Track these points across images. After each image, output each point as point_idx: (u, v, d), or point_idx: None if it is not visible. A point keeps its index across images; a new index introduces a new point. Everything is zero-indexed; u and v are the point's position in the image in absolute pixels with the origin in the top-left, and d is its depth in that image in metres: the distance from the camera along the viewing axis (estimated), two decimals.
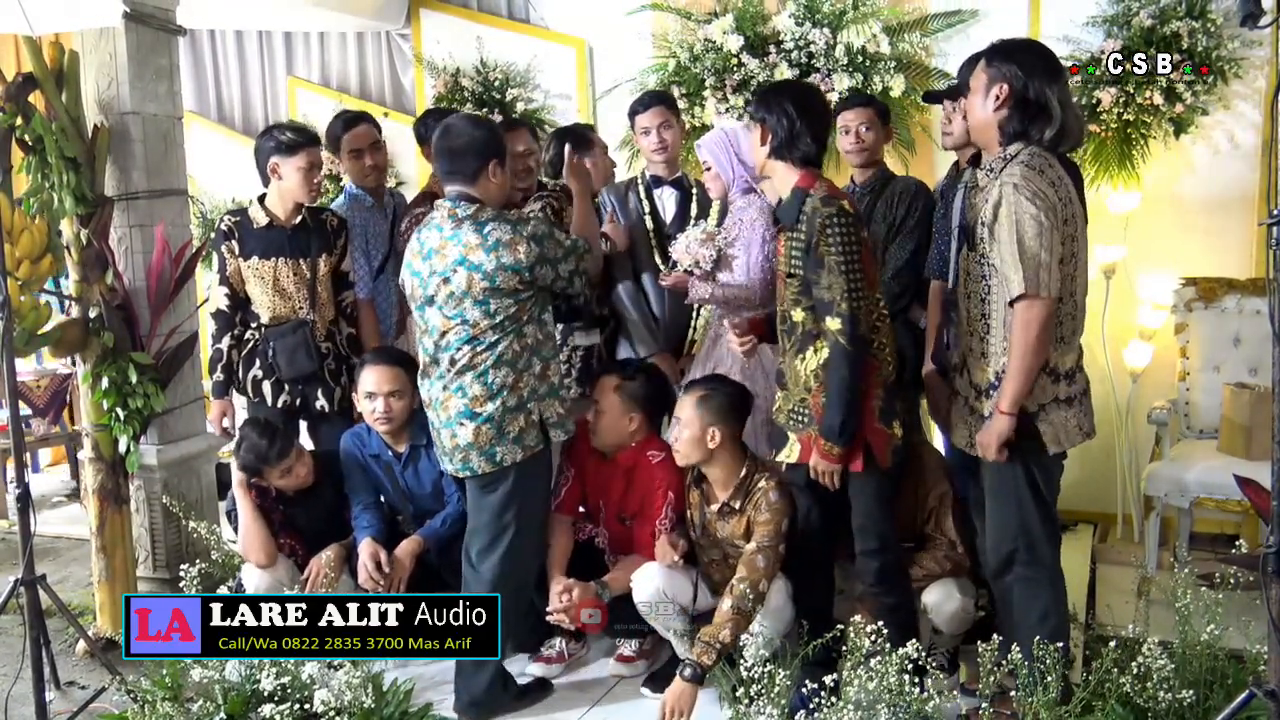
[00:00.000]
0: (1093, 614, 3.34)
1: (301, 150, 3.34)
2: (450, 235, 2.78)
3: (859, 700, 2.39)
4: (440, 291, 2.79)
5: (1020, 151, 2.45)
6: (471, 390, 2.79)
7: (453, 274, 2.76)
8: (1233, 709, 2.24)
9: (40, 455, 5.94)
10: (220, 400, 3.50)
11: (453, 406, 2.82)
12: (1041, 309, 2.38)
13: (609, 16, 4.66)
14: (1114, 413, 4.13)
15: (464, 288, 2.75)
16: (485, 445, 2.81)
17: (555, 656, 3.26)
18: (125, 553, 3.64)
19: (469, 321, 2.78)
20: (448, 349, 2.81)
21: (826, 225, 2.54)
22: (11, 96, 3.37)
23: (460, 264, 2.75)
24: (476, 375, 2.79)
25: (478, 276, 2.74)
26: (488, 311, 2.76)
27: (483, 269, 2.73)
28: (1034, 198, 2.37)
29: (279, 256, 3.40)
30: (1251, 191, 4.04)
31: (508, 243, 2.73)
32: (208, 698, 2.87)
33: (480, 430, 2.80)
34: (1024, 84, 2.44)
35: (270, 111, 5.64)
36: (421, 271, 2.84)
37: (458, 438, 2.83)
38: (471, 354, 2.78)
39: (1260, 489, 2.79)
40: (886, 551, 2.72)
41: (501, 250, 2.73)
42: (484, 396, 2.79)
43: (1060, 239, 2.40)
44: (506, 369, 2.79)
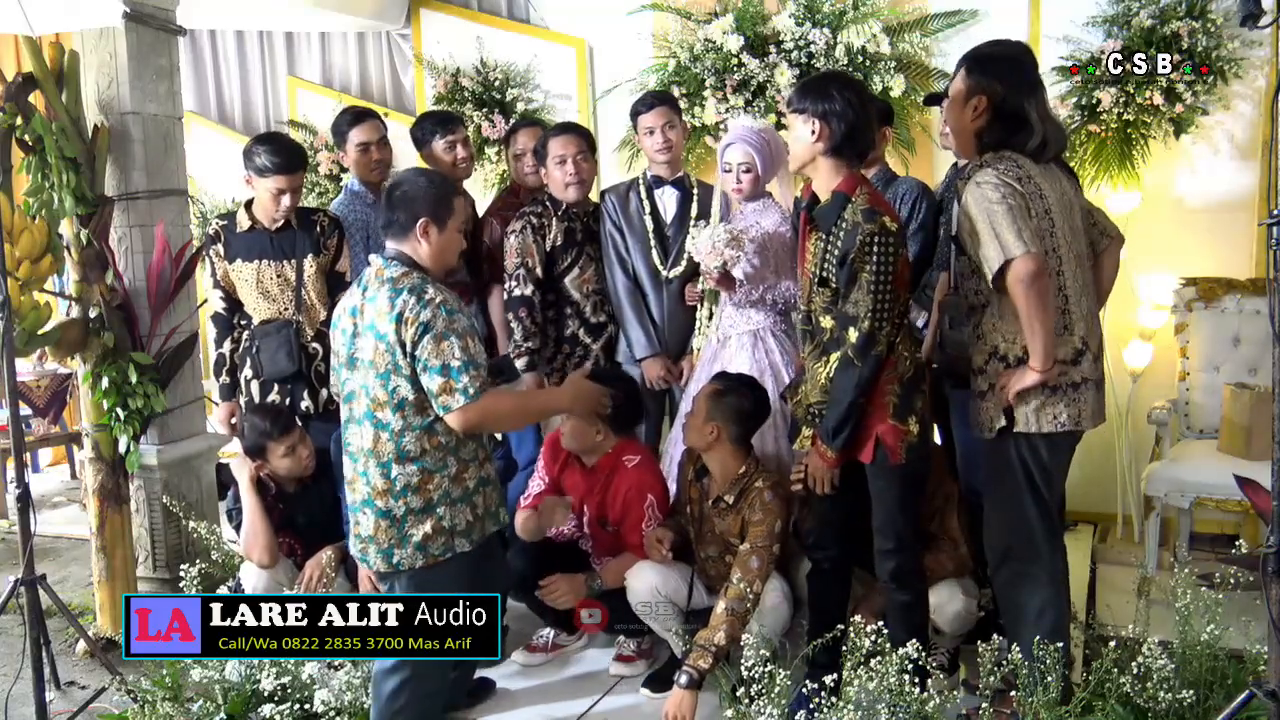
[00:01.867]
0: (1093, 614, 3.34)
1: (271, 176, 3.31)
2: (370, 296, 2.48)
3: (859, 700, 2.39)
4: (355, 354, 2.50)
5: (997, 158, 2.48)
6: (374, 480, 2.48)
7: (362, 338, 2.47)
8: (1233, 709, 2.25)
9: (40, 455, 5.94)
10: (227, 403, 3.52)
11: (358, 490, 2.53)
12: (1026, 266, 2.39)
13: (609, 16, 4.66)
14: (1114, 413, 4.12)
15: (369, 357, 2.45)
16: (385, 544, 2.50)
17: (543, 646, 3.27)
18: (125, 553, 3.64)
19: (371, 397, 2.46)
20: (356, 422, 2.51)
21: (866, 245, 2.46)
22: (11, 96, 3.37)
23: (370, 329, 2.45)
24: (380, 465, 2.47)
25: (382, 347, 2.42)
26: (389, 390, 2.43)
27: (386, 339, 2.41)
28: (994, 186, 2.41)
29: (261, 259, 3.42)
30: (1251, 191, 4.04)
31: (409, 320, 2.38)
32: (208, 698, 2.87)
33: (379, 525, 2.50)
34: (1001, 98, 2.48)
35: (270, 112, 5.64)
36: (346, 328, 2.54)
37: (359, 526, 2.54)
38: (374, 438, 2.46)
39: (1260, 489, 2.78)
40: (903, 551, 2.71)
41: (403, 325, 2.38)
42: (385, 491, 2.47)
43: (1031, 220, 2.43)
44: (413, 466, 2.46)
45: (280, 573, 3.20)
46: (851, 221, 2.49)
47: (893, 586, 2.73)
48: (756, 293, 3.22)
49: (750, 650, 2.50)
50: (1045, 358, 2.46)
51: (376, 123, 3.78)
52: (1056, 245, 2.50)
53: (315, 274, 3.45)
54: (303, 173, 3.44)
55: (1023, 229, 2.39)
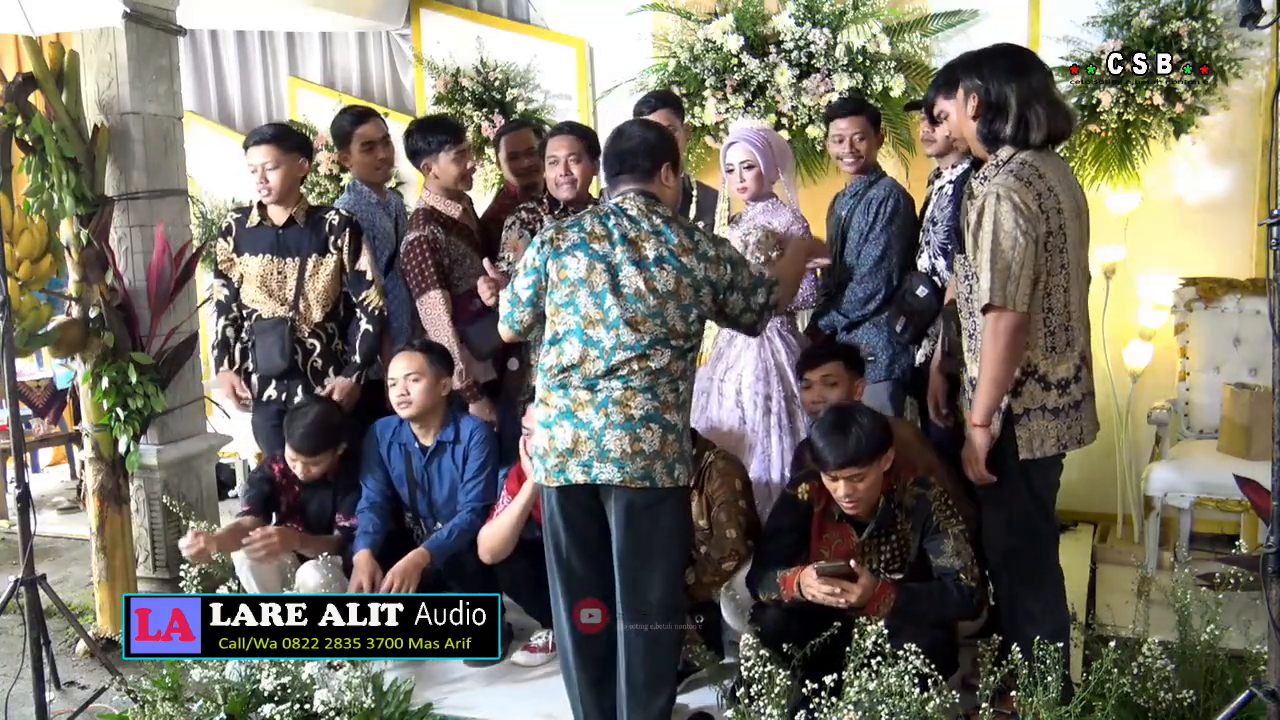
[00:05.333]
0: (1093, 614, 3.34)
1: (252, 147, 3.42)
2: (651, 230, 2.54)
3: (859, 700, 2.39)
4: (634, 284, 2.50)
5: (1011, 159, 2.47)
6: (664, 395, 2.51)
7: (658, 270, 2.51)
8: (1233, 709, 2.24)
9: (40, 455, 5.94)
10: (225, 373, 3.56)
11: (636, 406, 2.50)
12: (1009, 321, 2.40)
13: (609, 16, 4.66)
14: (1114, 413, 4.13)
15: (670, 287, 2.51)
16: (671, 458, 2.52)
17: (543, 646, 3.27)
18: (125, 553, 3.64)
19: (669, 325, 2.51)
20: (635, 347, 2.49)
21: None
22: (11, 96, 3.37)
23: (668, 262, 2.52)
24: (670, 380, 2.52)
25: (685, 280, 2.52)
26: (687, 319, 2.53)
27: (693, 275, 2.52)
28: (1015, 210, 2.38)
29: (265, 254, 3.48)
30: (1251, 191, 4.04)
31: (713, 258, 2.54)
32: (208, 698, 2.87)
33: (666, 441, 2.51)
34: (985, 90, 2.49)
35: (271, 112, 5.64)
36: (609, 257, 2.53)
37: (642, 442, 2.48)
38: (670, 358, 2.51)
39: (1260, 489, 2.79)
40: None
41: (708, 264, 2.53)
42: (674, 405, 2.53)
43: (1041, 253, 2.42)
44: (686, 386, 2.59)
45: (328, 570, 3.23)
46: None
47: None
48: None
49: (750, 650, 2.50)
50: (987, 413, 2.48)
51: (379, 121, 3.78)
52: (1066, 263, 2.48)
53: (319, 273, 3.46)
54: (296, 155, 3.47)
55: (1020, 276, 2.39)
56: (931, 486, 2.71)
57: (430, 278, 3.42)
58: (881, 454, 2.64)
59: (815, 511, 2.79)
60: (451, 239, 3.50)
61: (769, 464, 3.20)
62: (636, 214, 2.55)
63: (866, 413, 2.70)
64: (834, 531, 2.78)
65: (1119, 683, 2.48)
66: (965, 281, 2.60)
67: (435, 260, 3.42)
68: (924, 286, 3.15)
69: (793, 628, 2.63)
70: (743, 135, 3.25)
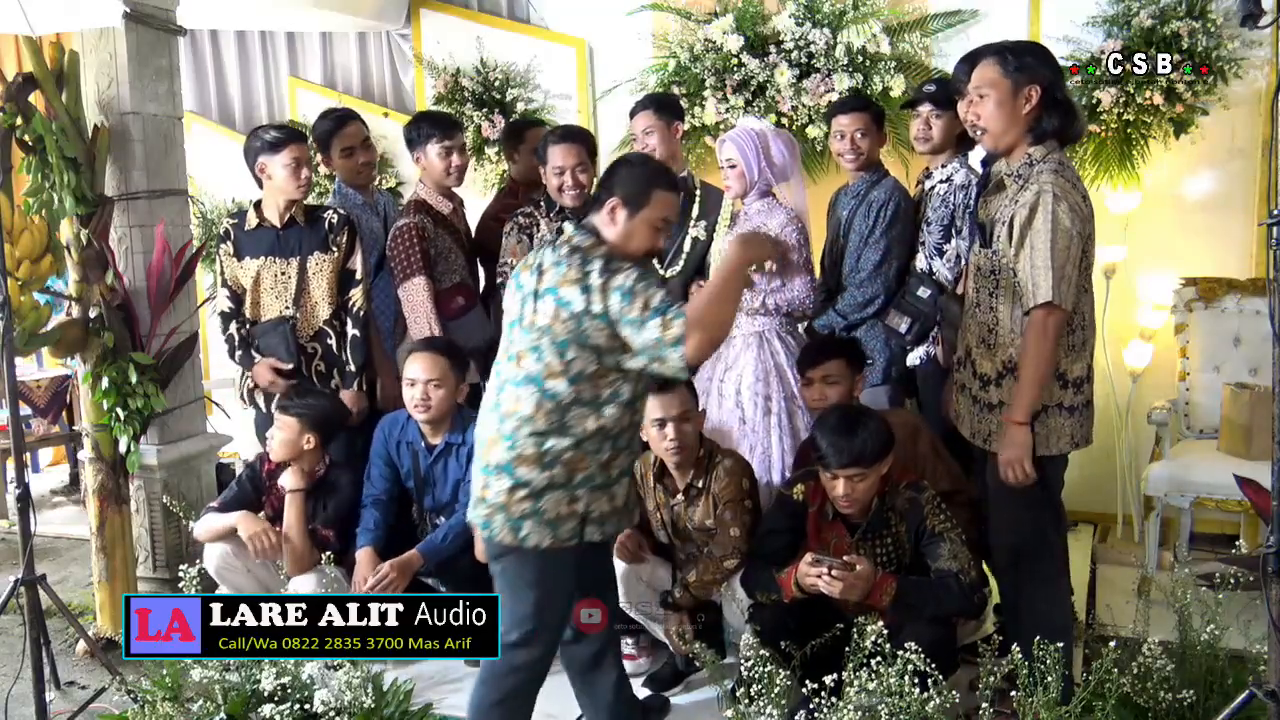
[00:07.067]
0: (1093, 614, 3.34)
1: (285, 146, 3.37)
2: (554, 261, 2.31)
3: (859, 700, 2.39)
4: (528, 317, 2.33)
5: (1046, 156, 2.48)
6: (521, 446, 2.31)
7: (540, 302, 2.30)
8: (1233, 709, 2.25)
9: (40, 455, 5.94)
10: (260, 364, 3.48)
11: (495, 452, 2.35)
12: (1059, 319, 2.44)
13: (609, 16, 4.66)
14: (1114, 413, 4.13)
15: (545, 322, 2.29)
16: (518, 515, 2.32)
17: None
18: (125, 553, 3.64)
19: (543, 361, 2.29)
20: (515, 382, 2.34)
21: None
22: (11, 96, 3.37)
23: (550, 293, 2.28)
24: (534, 433, 2.30)
25: (564, 314, 2.25)
26: (563, 356, 2.27)
27: (570, 307, 2.25)
28: (1071, 211, 2.42)
29: (266, 255, 3.48)
30: (1251, 191, 4.04)
31: (597, 287, 2.23)
32: (208, 698, 2.87)
33: (514, 497, 2.32)
34: (1051, 84, 2.49)
35: (272, 112, 5.64)
36: (524, 288, 2.37)
37: (489, 489, 2.36)
38: (535, 403, 2.30)
39: (1260, 489, 2.79)
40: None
41: (589, 294, 2.23)
42: (533, 460, 2.30)
43: (1084, 252, 2.46)
44: (560, 443, 2.30)
45: (326, 575, 3.23)
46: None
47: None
48: (757, 301, 3.21)
49: (750, 650, 2.50)
50: (1029, 410, 2.48)
51: (359, 125, 3.79)
52: (1090, 263, 2.53)
53: (320, 272, 3.46)
54: (309, 146, 3.52)
55: (1073, 275, 2.43)
56: (924, 490, 2.71)
57: (416, 264, 3.45)
58: (885, 457, 2.64)
59: (810, 511, 2.80)
60: (439, 231, 3.55)
61: (769, 464, 3.20)
62: (559, 243, 2.38)
63: (872, 415, 2.70)
64: (829, 531, 2.78)
65: (1119, 683, 2.48)
66: (991, 276, 2.58)
67: (423, 249, 3.47)
68: (926, 287, 3.15)
69: (791, 627, 2.64)
70: (731, 133, 3.27)
